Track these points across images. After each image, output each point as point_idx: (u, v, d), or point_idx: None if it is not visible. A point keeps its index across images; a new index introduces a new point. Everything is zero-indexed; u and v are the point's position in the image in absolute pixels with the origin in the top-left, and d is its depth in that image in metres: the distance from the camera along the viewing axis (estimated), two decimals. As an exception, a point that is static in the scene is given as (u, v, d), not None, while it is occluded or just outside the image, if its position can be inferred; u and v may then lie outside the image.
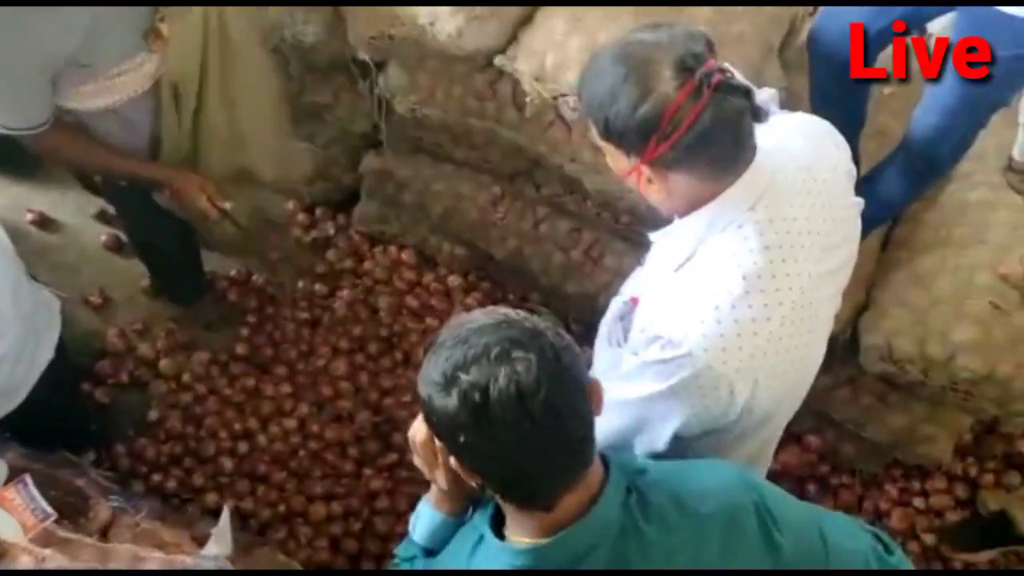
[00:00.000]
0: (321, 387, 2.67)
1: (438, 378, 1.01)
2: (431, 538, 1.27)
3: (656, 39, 1.22)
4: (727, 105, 1.20)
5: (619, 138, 1.26)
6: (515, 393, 0.97)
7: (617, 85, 1.21)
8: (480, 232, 2.60)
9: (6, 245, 1.89)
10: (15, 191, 2.94)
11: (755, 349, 1.28)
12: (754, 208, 1.29)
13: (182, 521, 2.12)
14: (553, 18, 1.94)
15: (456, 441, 1.01)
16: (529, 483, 1.04)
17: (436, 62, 2.15)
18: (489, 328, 1.02)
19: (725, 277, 1.28)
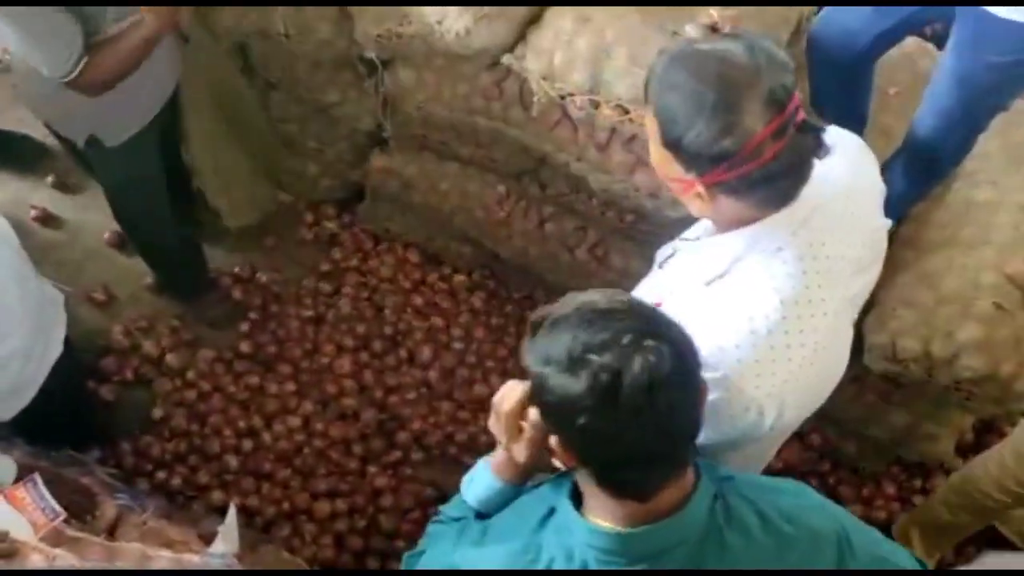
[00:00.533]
0: (325, 385, 2.67)
1: (561, 357, 1.00)
2: (486, 503, 1.27)
3: (752, 63, 1.16)
4: (803, 146, 1.18)
5: (684, 153, 1.22)
6: (647, 381, 0.97)
7: (703, 109, 1.16)
8: (485, 231, 2.60)
9: (11, 241, 1.90)
10: (18, 187, 2.94)
11: (788, 374, 1.29)
12: (796, 233, 1.28)
13: (188, 519, 2.12)
14: (561, 18, 1.93)
15: (571, 422, 1.00)
16: (632, 472, 1.04)
17: (442, 61, 2.15)
18: (620, 312, 1.01)
19: (763, 301, 1.27)
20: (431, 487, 2.56)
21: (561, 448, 1.06)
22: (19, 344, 1.86)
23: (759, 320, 1.27)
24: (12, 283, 1.83)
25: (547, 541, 1.12)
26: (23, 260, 1.93)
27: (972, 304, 2.09)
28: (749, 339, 1.27)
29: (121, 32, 1.91)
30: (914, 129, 2.08)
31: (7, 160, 2.94)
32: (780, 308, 1.27)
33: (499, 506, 1.27)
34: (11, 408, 1.93)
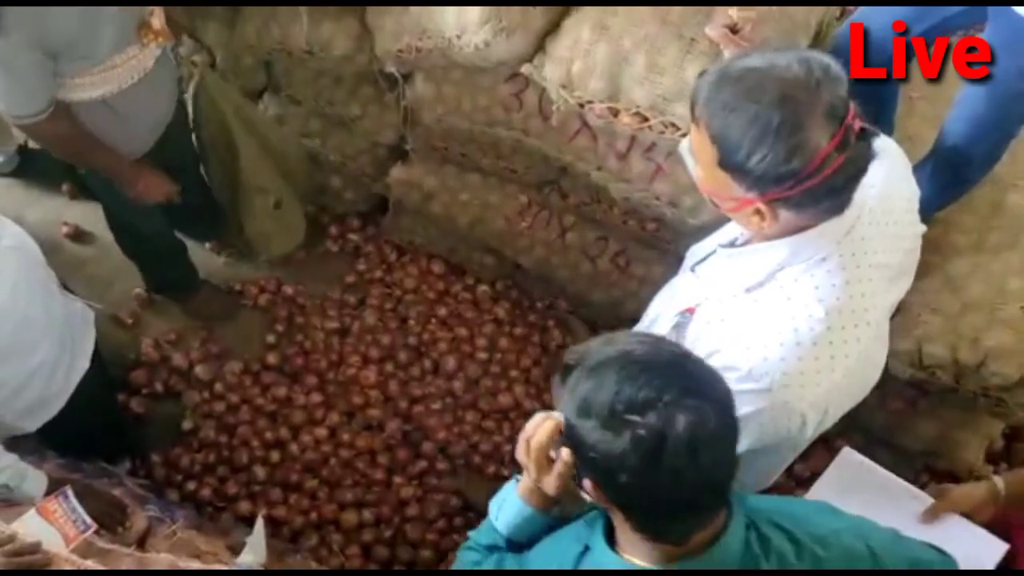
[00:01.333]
0: (351, 396, 2.69)
1: (603, 412, 0.99)
2: (516, 530, 1.27)
3: (809, 79, 1.14)
4: (862, 156, 1.17)
5: (748, 176, 1.19)
6: (689, 443, 0.96)
7: (768, 132, 1.14)
8: (507, 241, 2.62)
9: (38, 257, 1.94)
10: (50, 204, 3.00)
11: (832, 384, 1.28)
12: (840, 242, 1.27)
13: (217, 530, 2.15)
14: (579, 27, 1.94)
15: (612, 477, 1.00)
16: (670, 521, 1.04)
17: (461, 73, 2.17)
18: (662, 366, 1.00)
19: (808, 310, 1.26)
20: (456, 497, 2.57)
21: (598, 495, 1.06)
22: (45, 358, 1.89)
23: (804, 331, 1.26)
24: (38, 298, 1.87)
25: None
26: (49, 276, 1.97)
27: (999, 309, 2.07)
28: (795, 351, 1.26)
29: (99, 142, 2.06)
30: (944, 135, 2.06)
31: (38, 178, 3.00)
32: (825, 319, 1.26)
33: (529, 532, 1.27)
34: (37, 420, 1.97)
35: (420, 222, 2.77)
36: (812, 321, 1.26)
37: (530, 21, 1.96)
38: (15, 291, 1.76)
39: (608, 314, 2.62)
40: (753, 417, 1.29)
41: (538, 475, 1.18)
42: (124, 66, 1.98)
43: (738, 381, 1.28)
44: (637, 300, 2.47)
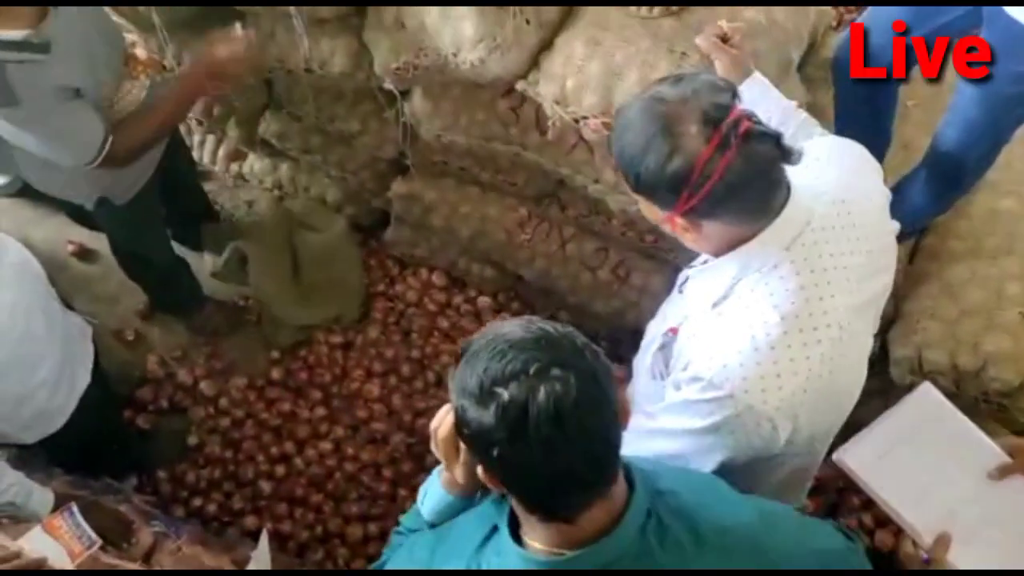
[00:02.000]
0: (355, 409, 2.71)
1: (474, 389, 1.02)
2: (439, 515, 1.30)
3: (680, 93, 1.25)
4: (755, 154, 1.22)
5: (651, 192, 1.29)
6: (553, 412, 0.98)
7: (647, 142, 1.24)
8: (508, 253, 2.63)
9: (40, 274, 1.96)
10: (55, 223, 3.02)
11: (795, 388, 1.30)
12: (790, 248, 1.31)
13: (222, 545, 2.16)
14: (572, 43, 1.96)
15: (488, 453, 1.02)
16: (554, 497, 1.05)
17: (459, 89, 2.19)
18: (529, 342, 1.02)
19: (763, 318, 1.30)
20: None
21: (487, 477, 1.08)
22: (46, 375, 1.92)
23: (760, 337, 1.30)
24: (40, 315, 1.89)
25: (487, 561, 1.14)
26: (50, 293, 2.00)
27: (997, 315, 2.07)
28: (752, 356, 1.29)
29: (147, 104, 2.01)
30: (937, 141, 2.07)
31: (42, 198, 3.02)
32: (780, 323, 1.29)
33: (451, 518, 1.29)
34: (39, 433, 1.99)
35: (421, 235, 2.79)
36: (768, 327, 1.29)
37: (524, 38, 1.99)
38: (16, 307, 1.79)
39: (610, 323, 2.63)
40: (722, 426, 1.32)
41: (448, 464, 1.22)
42: (121, 103, 2.02)
43: (702, 390, 1.32)
44: (638, 310, 2.49)
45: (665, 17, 1.92)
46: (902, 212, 2.13)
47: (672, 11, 1.91)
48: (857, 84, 2.09)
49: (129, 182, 2.22)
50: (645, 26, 1.91)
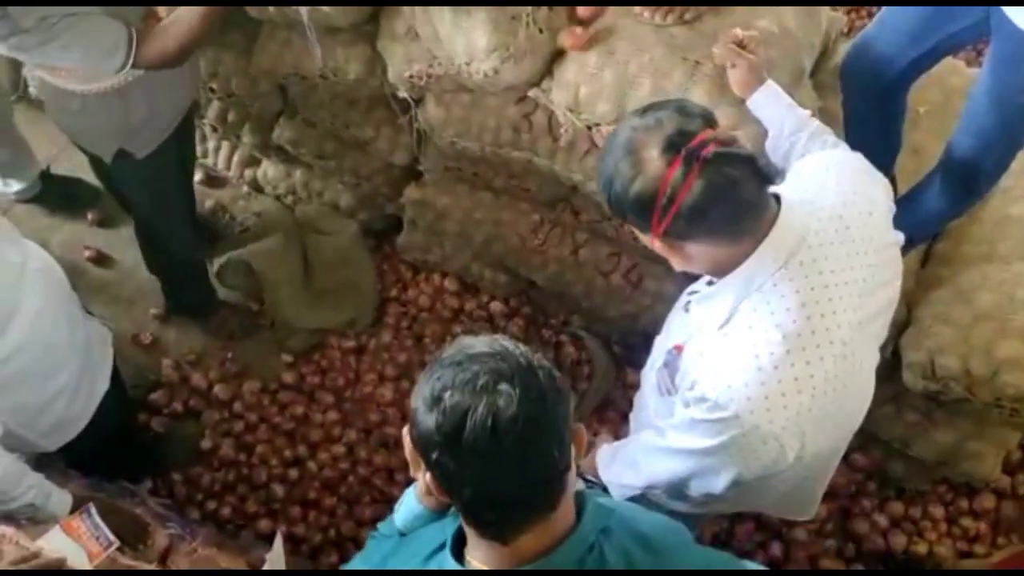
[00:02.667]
0: (368, 414, 2.73)
1: (427, 394, 1.03)
2: (408, 525, 1.32)
3: (646, 123, 1.29)
4: (718, 176, 1.24)
5: (623, 215, 1.34)
6: (490, 425, 0.98)
7: (614, 167, 1.30)
8: (521, 258, 2.65)
9: (62, 280, 1.98)
10: (72, 229, 3.06)
11: (800, 406, 1.32)
12: (786, 266, 1.32)
13: (237, 547, 2.18)
14: (586, 52, 1.98)
15: (429, 457, 1.03)
16: (488, 512, 1.05)
17: (472, 97, 2.21)
18: (484, 356, 1.03)
19: (765, 337, 1.32)
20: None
21: (433, 484, 1.08)
22: (67, 381, 1.93)
23: (764, 357, 1.31)
24: (63, 322, 1.91)
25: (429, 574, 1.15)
26: (73, 300, 2.02)
27: (1010, 320, 2.07)
28: (756, 376, 1.31)
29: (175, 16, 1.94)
30: (951, 148, 2.08)
31: (62, 203, 3.07)
32: (783, 342, 1.31)
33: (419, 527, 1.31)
34: (59, 440, 2.01)
35: (434, 240, 2.81)
36: (771, 346, 1.31)
37: (537, 47, 2.00)
38: (41, 315, 1.81)
39: (623, 328, 2.64)
40: (729, 445, 1.35)
41: (413, 471, 1.22)
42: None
43: (709, 410, 1.34)
44: (651, 315, 2.50)
45: (679, 26, 1.93)
46: (915, 218, 2.14)
47: (686, 20, 1.92)
48: (866, 91, 2.10)
49: (148, 135, 2.21)
50: (659, 35, 1.92)
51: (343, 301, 2.89)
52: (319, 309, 2.88)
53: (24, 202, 3.07)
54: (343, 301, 2.89)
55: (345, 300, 2.89)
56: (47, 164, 3.03)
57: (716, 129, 1.28)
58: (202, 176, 3.14)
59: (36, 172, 3.01)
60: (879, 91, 2.05)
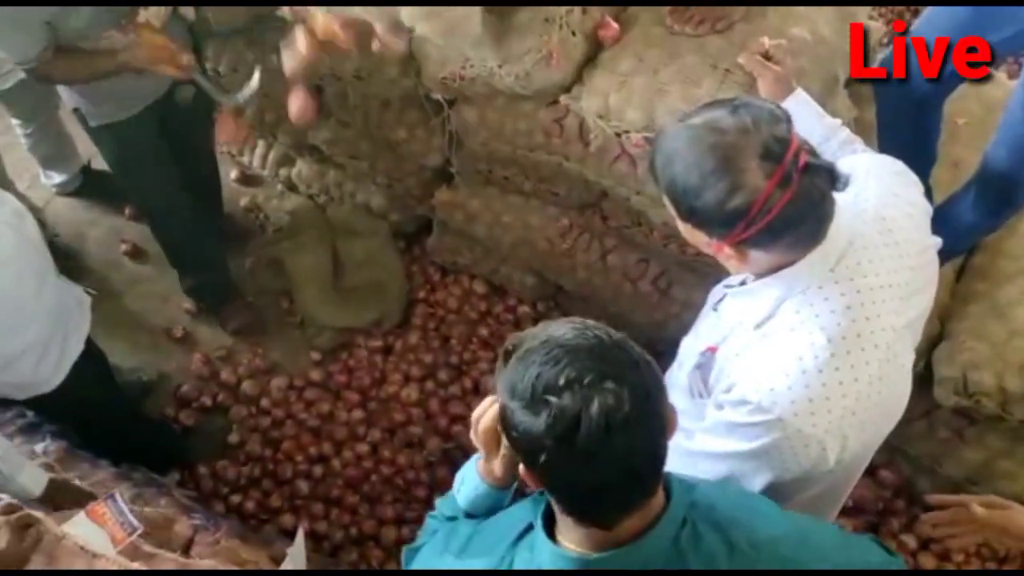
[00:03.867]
0: (393, 413, 2.73)
1: (525, 393, 1.02)
2: (474, 504, 1.31)
3: (739, 124, 1.21)
4: (814, 189, 1.21)
5: (704, 223, 1.27)
6: (604, 426, 0.98)
7: (704, 176, 1.21)
8: (549, 263, 2.65)
9: (35, 236, 1.95)
10: (110, 223, 3.12)
11: (844, 410, 1.29)
12: (834, 269, 1.30)
13: (259, 541, 2.19)
14: (616, 58, 1.98)
15: (534, 458, 1.03)
16: (593, 504, 1.06)
17: (504, 100, 2.21)
18: (583, 351, 1.02)
19: (810, 340, 1.29)
20: (494, 516, 2.58)
21: (529, 478, 1.09)
22: (34, 339, 1.91)
23: (808, 360, 1.28)
24: (30, 277, 1.88)
25: (520, 557, 1.15)
26: (43, 257, 1.98)
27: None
28: (800, 379, 1.28)
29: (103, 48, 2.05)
30: (987, 160, 2.05)
31: (101, 197, 3.13)
32: (828, 346, 1.28)
33: (486, 507, 1.30)
34: (29, 392, 2.01)
35: (464, 243, 2.82)
36: (816, 349, 1.28)
37: (569, 52, 2.00)
38: (4, 265, 1.78)
39: (650, 335, 2.62)
40: (770, 448, 1.32)
41: (488, 456, 1.23)
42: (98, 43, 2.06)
43: (749, 413, 1.31)
44: (678, 323, 2.48)
45: (710, 35, 1.92)
46: (952, 230, 2.10)
47: (717, 30, 1.92)
48: (901, 101, 2.07)
49: (100, 108, 2.26)
50: (690, 43, 1.92)
51: (371, 301, 2.91)
52: (347, 308, 2.90)
53: (65, 195, 3.13)
54: (371, 301, 2.91)
55: (373, 300, 2.91)
56: (88, 159, 3.09)
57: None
58: (237, 174, 3.19)
59: (78, 166, 3.07)
60: (915, 101, 2.02)
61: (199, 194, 2.71)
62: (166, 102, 2.37)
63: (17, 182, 3.09)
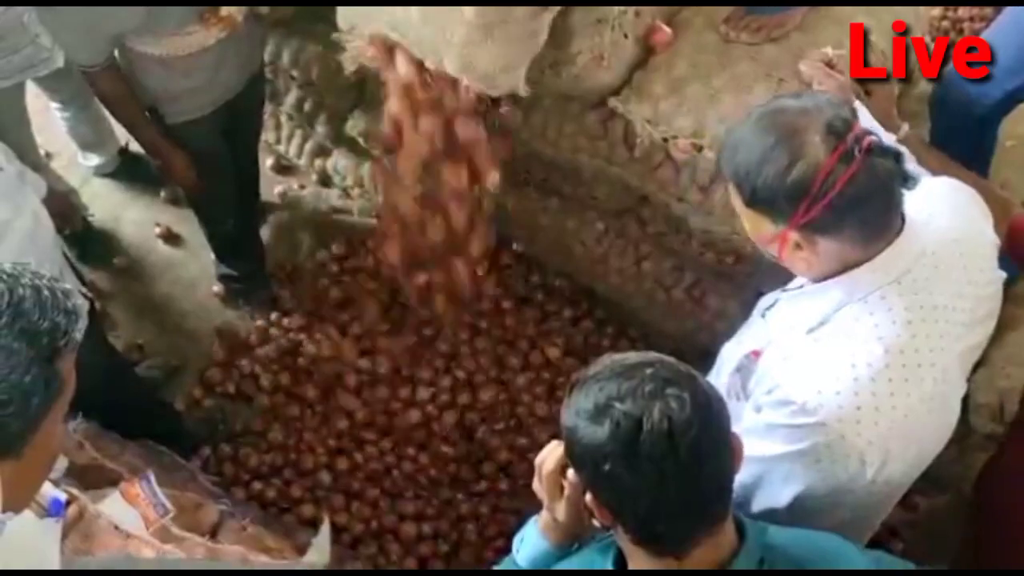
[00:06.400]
0: (417, 409, 2.72)
1: (589, 407, 1.03)
2: (534, 563, 1.29)
3: (801, 105, 1.24)
4: (879, 168, 1.20)
5: (768, 204, 1.27)
6: (666, 429, 0.98)
7: (766, 152, 1.23)
8: (582, 267, 2.63)
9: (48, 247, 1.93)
10: (146, 206, 3.13)
11: (891, 424, 1.27)
12: (900, 281, 1.28)
13: (282, 529, 2.20)
14: (669, 64, 1.96)
15: (598, 471, 1.03)
16: (661, 523, 1.04)
17: (550, 100, 2.20)
18: (642, 364, 1.04)
19: (866, 348, 1.27)
20: (516, 517, 2.57)
21: (596, 505, 1.08)
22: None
23: (862, 367, 1.26)
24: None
25: None
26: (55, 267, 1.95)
27: (1088, 366, 2.00)
28: (851, 386, 1.25)
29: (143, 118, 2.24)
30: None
31: (138, 180, 3.14)
32: (884, 356, 1.26)
33: (547, 567, 1.28)
34: None
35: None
36: (871, 358, 1.26)
37: (621, 53, 1.99)
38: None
39: (681, 344, 2.60)
40: (807, 453, 1.29)
41: (551, 502, 1.22)
42: (183, 39, 2.10)
43: (792, 415, 1.29)
44: (711, 332, 2.46)
45: (765, 43, 1.90)
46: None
47: (773, 38, 1.90)
48: (956, 120, 2.05)
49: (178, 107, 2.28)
50: (744, 51, 1.91)
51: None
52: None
53: (101, 176, 3.14)
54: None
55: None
56: (126, 141, 3.10)
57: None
58: (273, 162, 3.19)
59: (115, 148, 3.09)
60: (970, 124, 2.00)
61: (244, 183, 2.71)
62: (235, 99, 2.38)
63: (54, 161, 3.12)
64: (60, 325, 0.95)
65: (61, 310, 0.96)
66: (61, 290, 0.98)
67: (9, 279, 0.95)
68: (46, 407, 0.95)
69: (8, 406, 0.91)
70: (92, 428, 2.05)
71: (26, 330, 0.92)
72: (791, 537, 1.16)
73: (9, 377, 0.91)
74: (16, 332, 0.92)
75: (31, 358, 0.92)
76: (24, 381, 0.91)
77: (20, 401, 0.92)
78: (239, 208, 2.69)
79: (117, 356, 2.53)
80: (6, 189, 1.80)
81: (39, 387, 0.93)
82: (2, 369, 0.90)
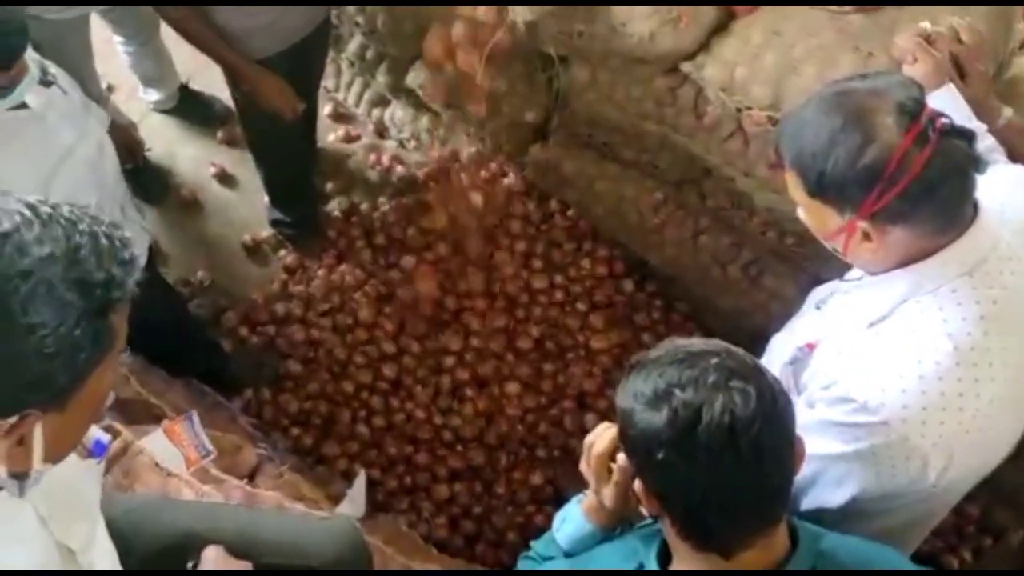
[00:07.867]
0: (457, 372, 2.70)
1: (647, 392, 0.99)
2: (576, 544, 1.26)
3: (870, 86, 1.18)
4: (955, 150, 1.14)
5: (836, 191, 1.19)
6: (728, 423, 0.95)
7: (835, 134, 1.16)
8: (637, 236, 2.57)
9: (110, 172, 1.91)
10: (202, 144, 3.13)
11: (958, 426, 1.20)
12: (971, 273, 1.20)
13: (317, 479, 2.20)
14: (749, 29, 1.88)
15: (650, 458, 0.99)
16: (712, 518, 1.00)
17: (619, 62, 2.13)
18: (707, 353, 1.00)
19: (934, 345, 1.20)
20: (548, 485, 2.56)
21: (645, 493, 1.04)
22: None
23: (929, 365, 1.19)
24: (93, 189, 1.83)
25: None
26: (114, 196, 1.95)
27: None
28: (917, 384, 1.19)
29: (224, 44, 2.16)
30: None
31: (195, 118, 3.14)
32: (953, 354, 1.19)
33: (588, 549, 1.25)
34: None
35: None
36: (939, 355, 1.19)
37: (700, 15, 1.91)
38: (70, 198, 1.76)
39: (731, 323, 2.54)
40: (867, 454, 1.22)
41: (598, 485, 1.18)
42: None
43: (851, 413, 1.22)
44: (764, 313, 2.39)
45: (855, 13, 1.80)
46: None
47: (865, 8, 1.80)
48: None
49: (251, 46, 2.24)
50: (832, 20, 1.81)
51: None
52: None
53: (160, 112, 3.14)
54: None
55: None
56: (187, 79, 3.09)
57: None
58: (331, 109, 3.16)
59: (175, 85, 3.08)
60: None
61: (304, 128, 2.69)
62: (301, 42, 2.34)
63: (116, 93, 3.12)
64: (116, 277, 0.89)
65: (118, 261, 0.90)
66: (119, 238, 0.91)
67: (67, 224, 0.88)
68: (94, 361, 0.90)
69: (55, 359, 0.86)
70: (138, 363, 2.07)
71: (81, 280, 0.86)
72: (848, 547, 1.11)
73: (59, 330, 0.85)
74: (70, 282, 0.86)
75: (83, 310, 0.86)
76: (74, 334, 0.86)
77: (68, 354, 0.87)
78: (297, 153, 2.66)
79: (172, 291, 2.55)
80: (71, 113, 1.79)
81: (88, 341, 0.88)
82: (52, 321, 0.85)
